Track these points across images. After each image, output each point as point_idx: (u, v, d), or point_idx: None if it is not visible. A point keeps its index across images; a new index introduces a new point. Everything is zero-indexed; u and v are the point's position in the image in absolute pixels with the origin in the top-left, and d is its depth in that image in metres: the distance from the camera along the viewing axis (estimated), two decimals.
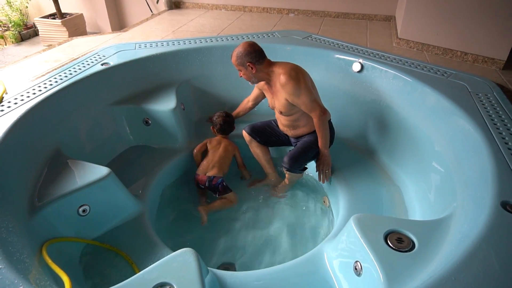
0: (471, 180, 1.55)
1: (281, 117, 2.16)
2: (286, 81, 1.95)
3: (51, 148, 1.92)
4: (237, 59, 2.01)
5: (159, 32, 3.69)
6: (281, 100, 2.04)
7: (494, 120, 1.86)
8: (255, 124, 2.32)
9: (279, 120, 2.23)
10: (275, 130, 2.32)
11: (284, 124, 2.20)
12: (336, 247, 1.57)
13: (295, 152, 2.12)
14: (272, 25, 4.03)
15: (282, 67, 2.00)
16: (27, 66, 2.59)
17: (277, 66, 2.03)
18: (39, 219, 1.55)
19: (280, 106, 2.07)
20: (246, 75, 2.05)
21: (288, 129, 2.21)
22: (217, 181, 2.19)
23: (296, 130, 2.18)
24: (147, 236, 1.79)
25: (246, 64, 1.99)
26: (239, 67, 2.03)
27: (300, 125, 2.15)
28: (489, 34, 2.83)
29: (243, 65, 2.01)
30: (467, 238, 1.22)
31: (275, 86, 2.05)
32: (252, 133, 2.27)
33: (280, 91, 2.02)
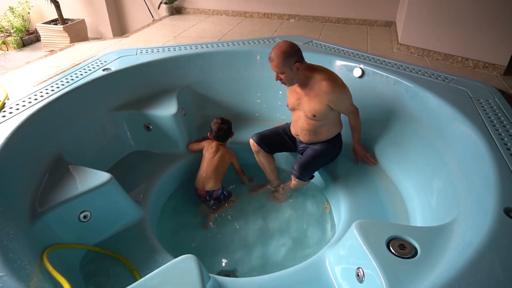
0: (473, 186, 1.55)
1: (308, 120, 2.09)
2: (332, 89, 1.95)
3: (53, 153, 1.92)
4: (284, 59, 1.87)
5: (161, 37, 3.71)
6: (318, 105, 2.00)
7: (496, 126, 1.85)
8: (263, 133, 2.25)
9: (298, 124, 2.16)
10: (282, 138, 2.28)
11: (306, 129, 2.13)
12: (338, 253, 1.56)
13: (306, 160, 2.10)
14: (273, 31, 4.05)
15: (322, 73, 2.00)
16: (28, 71, 2.60)
17: (315, 70, 2.02)
18: (41, 225, 1.54)
19: (314, 110, 2.02)
20: (289, 77, 1.94)
21: (307, 134, 2.15)
22: (217, 193, 2.20)
23: (315, 136, 2.14)
24: (148, 242, 1.78)
25: (294, 65, 1.90)
26: (284, 68, 1.89)
27: (322, 132, 2.14)
28: (490, 40, 2.84)
29: (289, 66, 1.89)
30: (471, 245, 1.22)
31: (312, 90, 2.00)
32: (260, 143, 2.20)
33: (320, 96, 1.98)
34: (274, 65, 1.90)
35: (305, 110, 2.07)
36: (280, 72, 1.92)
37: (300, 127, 2.16)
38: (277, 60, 1.88)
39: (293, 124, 2.23)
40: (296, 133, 2.22)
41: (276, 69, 1.91)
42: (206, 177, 2.20)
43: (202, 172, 2.23)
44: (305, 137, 2.17)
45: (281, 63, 1.88)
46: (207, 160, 2.26)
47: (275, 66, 1.90)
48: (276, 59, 1.88)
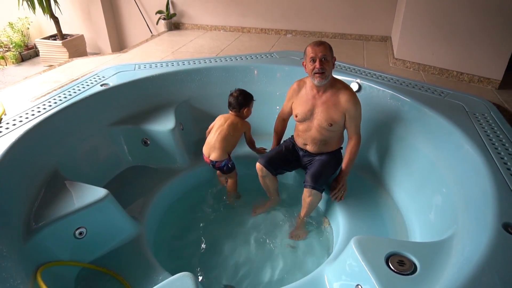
0: (471, 200, 1.54)
1: (321, 130, 2.08)
2: (354, 98, 2.01)
3: (49, 169, 1.91)
4: (330, 48, 1.97)
5: (159, 53, 3.74)
6: (336, 113, 2.02)
7: (492, 140, 1.86)
8: (269, 156, 2.19)
9: (309, 134, 2.13)
10: (287, 158, 2.23)
11: (318, 138, 2.11)
12: (337, 269, 1.54)
13: (317, 169, 2.07)
14: (270, 46, 4.09)
15: (343, 83, 2.09)
16: (26, 87, 2.61)
17: (338, 80, 2.10)
18: (35, 242, 1.52)
19: (332, 119, 2.03)
20: (330, 67, 1.97)
21: (317, 144, 2.13)
22: (220, 165, 2.23)
23: (324, 146, 2.15)
24: (145, 259, 1.76)
25: (333, 58, 1.99)
26: (330, 54, 1.95)
27: (332, 142, 2.15)
28: (484, 54, 2.88)
29: (332, 55, 1.97)
30: (470, 261, 1.21)
31: (332, 99, 2.03)
32: (269, 167, 2.15)
33: (340, 104, 2.01)
34: (323, 47, 1.93)
35: (320, 119, 2.06)
36: (326, 57, 1.93)
37: (311, 136, 2.13)
38: (325, 45, 1.94)
39: (300, 134, 2.18)
40: (304, 143, 2.19)
41: (323, 52, 1.92)
42: (212, 146, 2.21)
43: (210, 139, 2.24)
44: (314, 147, 2.16)
45: (328, 48, 1.95)
46: (216, 127, 2.25)
47: (323, 49, 1.93)
48: (325, 44, 1.95)
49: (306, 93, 2.11)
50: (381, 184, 2.29)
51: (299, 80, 2.18)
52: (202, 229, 2.18)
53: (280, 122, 2.40)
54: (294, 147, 2.27)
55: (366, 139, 2.35)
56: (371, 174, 2.37)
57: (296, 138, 2.25)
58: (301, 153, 2.24)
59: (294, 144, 2.28)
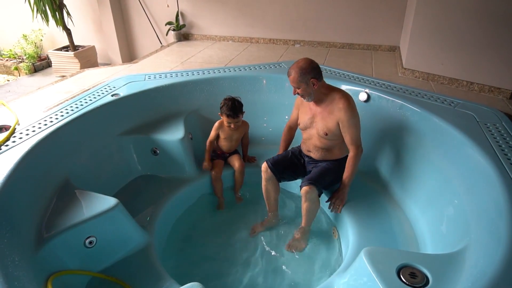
0: (484, 212, 1.52)
1: (320, 139, 2.11)
2: (347, 106, 1.99)
3: (61, 178, 1.93)
4: (300, 75, 1.95)
5: (168, 63, 3.79)
6: (331, 122, 2.04)
7: (505, 151, 1.84)
8: (276, 159, 2.21)
9: (311, 142, 2.17)
10: (293, 162, 2.25)
11: (319, 146, 2.14)
12: (347, 281, 1.52)
13: (315, 173, 2.08)
14: (278, 56, 4.12)
15: (341, 92, 2.07)
16: (39, 97, 2.65)
17: (333, 89, 2.08)
18: (46, 251, 1.53)
19: (327, 129, 2.05)
20: (306, 91, 2.00)
21: (319, 151, 2.15)
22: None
23: (327, 153, 2.15)
24: (154, 268, 1.76)
25: (310, 81, 1.97)
26: (301, 84, 1.97)
27: (334, 150, 2.15)
28: (495, 64, 2.86)
29: (305, 82, 1.97)
30: (484, 274, 1.18)
31: (327, 108, 2.04)
32: (274, 169, 2.16)
33: (334, 113, 2.02)
34: (291, 79, 1.99)
35: (318, 128, 2.09)
36: (297, 87, 2.00)
37: (313, 144, 2.17)
38: (293, 75, 1.97)
39: (304, 141, 2.24)
40: (308, 150, 2.22)
41: (293, 84, 2.00)
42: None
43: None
44: (317, 154, 2.18)
45: (297, 78, 1.96)
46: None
47: (292, 80, 1.99)
48: (293, 74, 1.97)
49: (308, 103, 2.14)
50: (391, 195, 2.27)
51: None
52: (211, 239, 2.17)
53: (288, 130, 2.42)
54: (301, 154, 2.29)
55: (375, 149, 2.34)
56: (380, 185, 2.35)
57: (302, 145, 2.29)
58: (306, 159, 2.26)
59: (301, 151, 2.29)
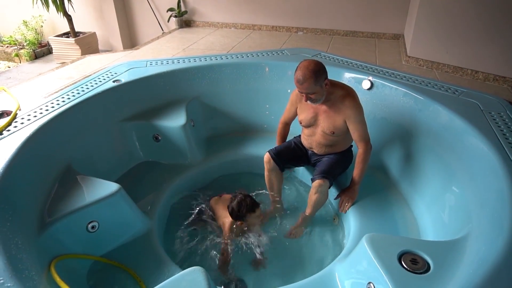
0: (487, 200, 1.51)
1: (325, 136, 2.06)
2: (353, 104, 1.93)
3: (62, 164, 1.93)
4: (316, 79, 1.80)
5: (170, 50, 3.76)
6: (338, 121, 1.98)
7: (509, 139, 1.82)
8: (279, 149, 2.17)
9: (313, 138, 2.12)
10: (296, 153, 2.23)
11: (322, 143, 2.10)
12: (348, 267, 1.53)
13: (326, 165, 2.05)
14: (281, 43, 4.08)
15: (344, 88, 1.99)
16: (40, 83, 2.64)
17: (336, 86, 1.99)
18: (49, 235, 1.54)
19: (334, 127, 1.99)
20: (320, 94, 1.87)
21: (322, 147, 2.12)
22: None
23: (330, 148, 2.12)
24: (156, 253, 1.77)
25: (324, 83, 1.85)
26: (316, 88, 1.82)
27: (338, 145, 2.12)
28: (500, 53, 2.82)
29: (320, 85, 1.83)
30: (486, 261, 1.18)
31: (333, 107, 1.97)
32: (277, 160, 2.12)
33: (341, 112, 1.95)
34: (305, 87, 1.82)
35: (323, 126, 2.03)
36: (311, 92, 1.85)
37: (316, 141, 2.12)
38: (308, 81, 1.80)
39: (306, 137, 2.18)
40: (310, 146, 2.19)
41: (308, 90, 1.83)
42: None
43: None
44: (320, 150, 2.15)
45: (312, 83, 1.81)
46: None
47: (306, 88, 1.82)
48: (308, 80, 1.80)
49: None
50: (393, 183, 2.26)
51: None
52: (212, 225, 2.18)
53: (283, 127, 2.33)
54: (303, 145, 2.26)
55: (377, 137, 2.32)
56: (381, 172, 2.34)
57: (302, 140, 2.24)
58: (309, 152, 2.24)
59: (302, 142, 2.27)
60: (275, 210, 2.25)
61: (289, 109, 2.23)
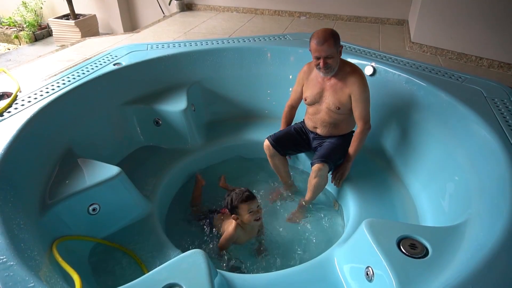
0: (487, 187, 1.51)
1: (329, 113, 2.07)
2: (360, 80, 1.96)
3: (63, 146, 1.93)
4: (335, 41, 1.86)
5: (171, 33, 3.72)
6: (343, 96, 2.00)
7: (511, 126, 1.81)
8: (278, 135, 2.18)
9: (318, 117, 2.12)
10: (296, 138, 2.23)
11: (327, 121, 2.10)
12: (347, 252, 1.54)
13: (325, 150, 2.06)
14: (283, 28, 4.03)
15: (352, 65, 2.03)
16: (40, 65, 2.62)
17: (346, 62, 2.03)
18: (50, 217, 1.55)
19: (340, 103, 2.01)
20: (336, 61, 1.92)
21: (327, 126, 2.12)
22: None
23: (334, 129, 2.13)
24: (157, 236, 1.78)
25: (339, 48, 1.91)
26: (334, 51, 1.87)
27: (342, 125, 2.13)
28: (505, 39, 2.78)
29: (337, 49, 1.89)
30: (484, 246, 1.19)
31: (341, 82, 1.99)
32: (276, 146, 2.14)
33: (347, 87, 1.98)
34: (326, 47, 1.85)
35: (328, 102, 2.05)
36: (330, 56, 1.88)
37: (320, 119, 2.13)
38: (328, 42, 1.85)
39: (310, 117, 2.18)
40: (314, 126, 2.18)
41: (328, 52, 1.87)
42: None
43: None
44: (324, 130, 2.15)
45: (332, 44, 1.85)
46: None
47: (327, 48, 1.85)
48: (328, 41, 1.85)
49: (316, 76, 2.08)
50: (394, 170, 2.27)
51: (309, 63, 2.13)
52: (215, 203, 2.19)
53: (289, 110, 2.33)
54: (304, 130, 2.26)
55: (379, 123, 2.32)
56: (383, 159, 2.34)
57: (306, 121, 2.24)
58: (311, 135, 2.23)
59: (304, 127, 2.27)
60: (288, 189, 2.30)
61: (296, 90, 2.24)
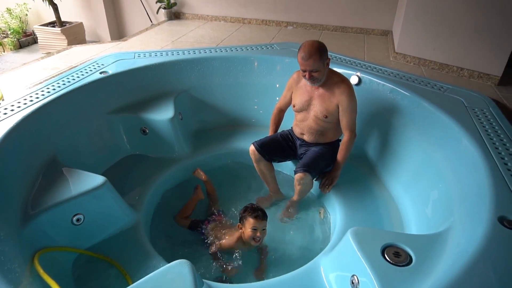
0: (468, 195, 1.55)
1: (317, 121, 2.11)
2: (348, 91, 2.01)
3: (47, 155, 1.90)
4: (321, 56, 1.89)
5: (159, 42, 3.72)
6: (331, 105, 2.04)
7: (491, 135, 1.87)
8: (263, 141, 2.20)
9: (305, 124, 2.16)
10: (282, 145, 2.26)
11: (314, 128, 2.14)
12: (333, 260, 1.55)
13: (309, 159, 2.09)
14: (271, 37, 4.07)
15: (341, 75, 2.09)
16: (24, 73, 2.59)
17: (335, 72, 2.10)
18: (32, 228, 1.52)
19: (327, 111, 2.05)
20: (322, 73, 1.96)
21: (313, 133, 2.16)
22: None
23: (321, 137, 2.17)
24: (142, 246, 1.76)
25: (326, 62, 1.94)
26: (320, 65, 1.91)
27: (328, 133, 2.17)
28: (485, 50, 2.87)
29: (323, 63, 1.92)
30: (465, 253, 1.21)
31: (329, 91, 2.04)
32: (261, 151, 2.16)
33: (335, 96, 2.02)
34: (311, 62, 1.89)
35: (316, 110, 2.09)
36: (316, 70, 1.93)
37: (308, 126, 2.16)
38: (313, 58, 1.88)
39: (297, 123, 2.22)
40: (301, 132, 2.21)
41: (313, 67, 1.91)
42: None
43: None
44: (311, 137, 2.18)
45: (317, 60, 1.89)
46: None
47: (312, 63, 1.90)
48: (313, 56, 1.88)
49: (304, 84, 2.12)
50: (378, 177, 2.30)
51: (299, 71, 2.17)
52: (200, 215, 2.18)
53: (278, 113, 2.39)
54: (291, 136, 2.29)
55: (364, 132, 2.36)
56: (368, 167, 2.38)
57: (294, 127, 2.28)
58: (298, 142, 2.26)
59: (291, 134, 2.30)
60: (274, 196, 2.31)
61: (285, 95, 2.29)
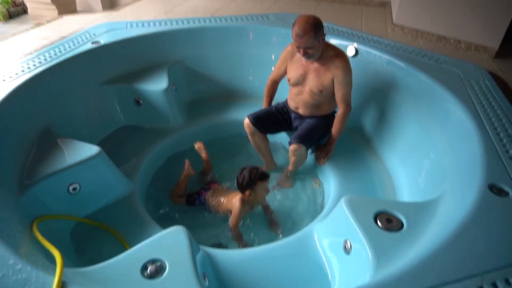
0: (461, 164, 1.58)
1: (312, 95, 2.08)
2: (344, 65, 1.97)
3: (41, 126, 1.89)
4: (315, 34, 1.83)
5: (151, 12, 3.62)
6: (326, 80, 2.01)
7: (485, 107, 1.87)
8: (258, 114, 2.19)
9: (300, 97, 2.14)
10: (277, 117, 2.26)
11: (309, 102, 2.12)
12: (326, 226, 1.59)
13: (302, 131, 2.10)
14: (266, 8, 3.97)
15: (336, 49, 2.04)
16: (15, 43, 2.53)
17: (330, 45, 2.05)
18: (29, 197, 1.53)
19: (322, 86, 2.03)
20: (317, 50, 1.92)
21: (308, 107, 2.14)
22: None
23: (316, 110, 2.15)
24: (138, 214, 1.79)
25: (321, 38, 1.89)
26: (315, 42, 1.87)
27: (323, 106, 2.16)
28: (482, 23, 2.83)
29: (318, 40, 1.87)
30: (455, 219, 1.25)
31: (324, 65, 2.00)
32: (256, 123, 2.15)
33: (330, 70, 1.99)
34: (304, 41, 1.85)
35: (311, 85, 2.06)
36: (310, 47, 1.89)
37: (303, 100, 2.15)
38: (308, 35, 1.83)
39: (292, 97, 2.20)
40: (296, 106, 2.20)
41: (307, 44, 1.87)
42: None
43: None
44: (306, 110, 2.17)
45: (312, 37, 1.84)
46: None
47: (306, 41, 1.85)
48: (308, 34, 1.83)
49: (299, 58, 2.08)
50: (372, 148, 2.33)
51: (293, 43, 2.13)
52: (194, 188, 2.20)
53: (272, 84, 2.37)
54: (286, 109, 2.28)
55: (360, 103, 2.36)
56: (363, 138, 2.40)
57: (289, 101, 2.26)
58: (292, 115, 2.26)
59: (286, 106, 2.29)
60: (269, 168, 2.32)
61: (279, 67, 2.25)
